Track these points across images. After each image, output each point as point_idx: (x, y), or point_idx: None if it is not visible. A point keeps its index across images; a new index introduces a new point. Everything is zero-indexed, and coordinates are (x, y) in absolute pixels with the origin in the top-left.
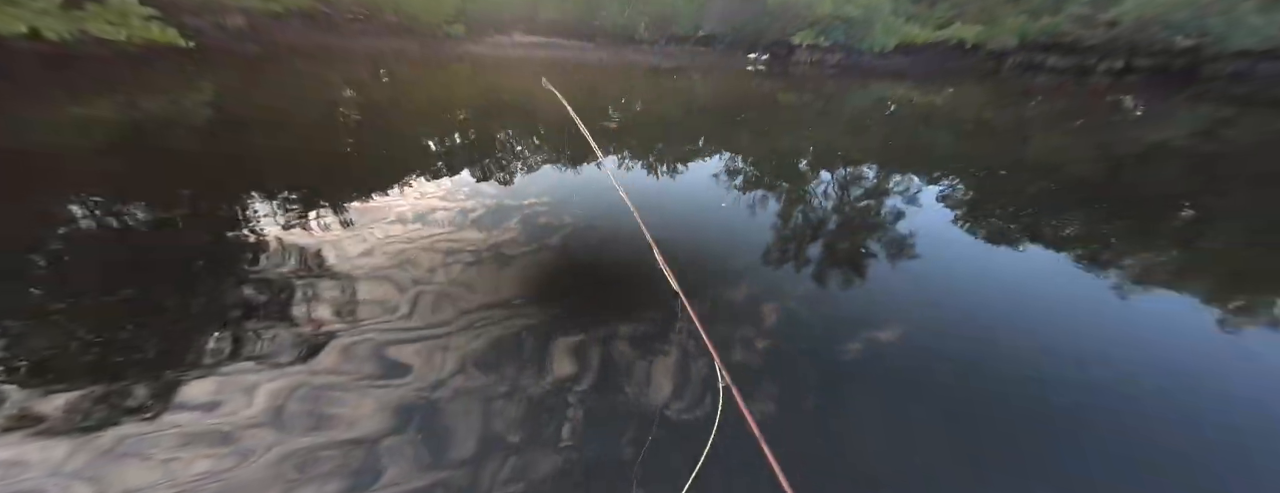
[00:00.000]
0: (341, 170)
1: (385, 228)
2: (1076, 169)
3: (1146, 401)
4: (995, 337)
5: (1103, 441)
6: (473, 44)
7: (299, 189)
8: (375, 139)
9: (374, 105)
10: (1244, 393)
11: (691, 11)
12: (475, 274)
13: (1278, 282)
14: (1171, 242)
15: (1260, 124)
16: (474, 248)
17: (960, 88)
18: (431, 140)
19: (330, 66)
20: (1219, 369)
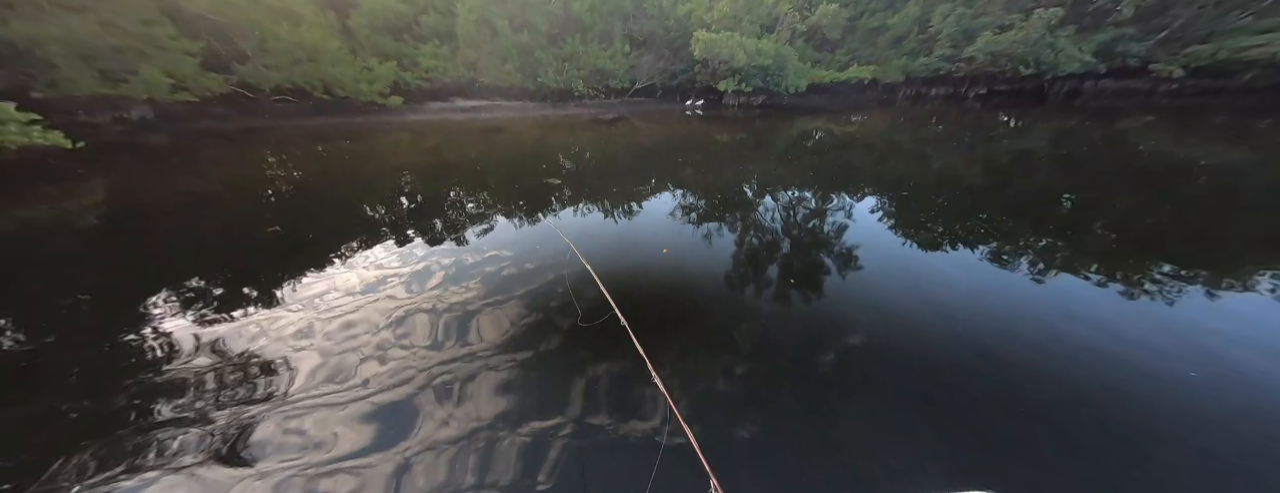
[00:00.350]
0: (261, 251)
1: (319, 303)
2: (970, 176)
3: (1046, 367)
4: (921, 325)
5: (1015, 393)
6: (411, 113)
7: (218, 274)
8: (298, 216)
9: (301, 181)
10: (1127, 339)
11: (624, 69)
12: (425, 328)
13: (1137, 253)
14: (1052, 226)
15: (1094, 130)
16: (419, 306)
17: (867, 117)
18: (366, 209)
19: (252, 149)
20: (1103, 319)
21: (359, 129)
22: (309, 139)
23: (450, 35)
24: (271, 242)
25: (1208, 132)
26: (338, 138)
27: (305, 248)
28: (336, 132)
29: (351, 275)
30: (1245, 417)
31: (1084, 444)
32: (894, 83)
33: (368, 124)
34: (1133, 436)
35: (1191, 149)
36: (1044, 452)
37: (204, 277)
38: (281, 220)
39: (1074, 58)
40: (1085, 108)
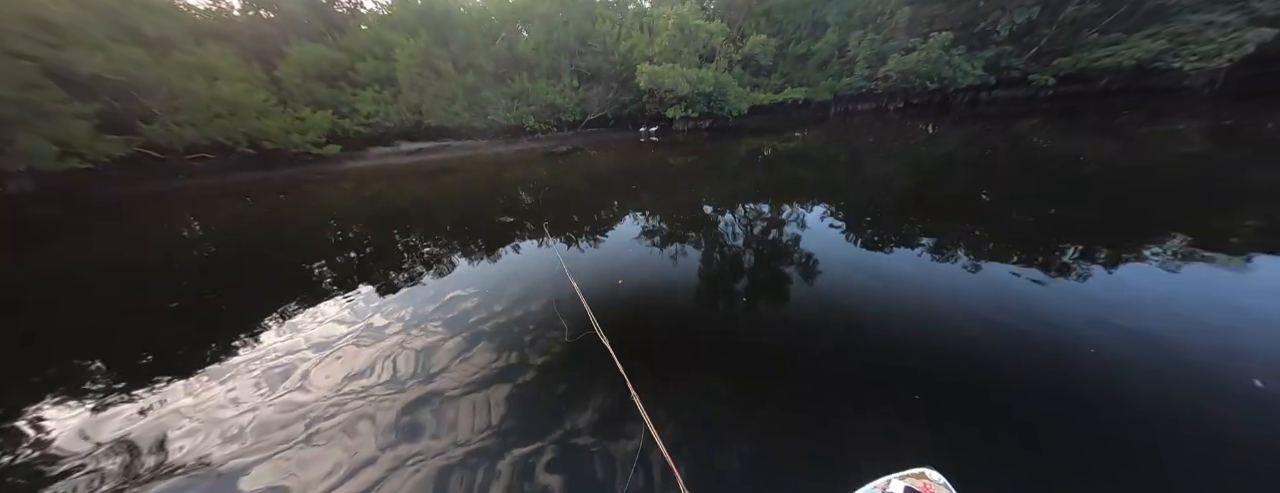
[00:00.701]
0: (192, 321)
1: (259, 365)
2: (903, 181)
3: (993, 350)
4: (878, 316)
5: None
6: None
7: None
8: (232, 277)
9: (231, 240)
10: (1048, 316)
11: (573, 102)
12: (388, 370)
13: (1047, 238)
14: (975, 218)
15: (994, 133)
16: (383, 351)
17: (806, 133)
18: (308, 262)
19: (165, 211)
20: (1022, 296)
21: (294, 181)
22: (234, 195)
23: (391, 80)
24: (205, 309)
25: (1082, 129)
26: (268, 192)
27: (241, 312)
28: (267, 186)
29: (299, 333)
30: (1154, 375)
31: (1017, 418)
32: (825, 101)
33: (303, 175)
34: (1053, 404)
35: (1073, 145)
36: (982, 428)
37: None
38: (212, 285)
39: (968, 73)
40: (983, 114)
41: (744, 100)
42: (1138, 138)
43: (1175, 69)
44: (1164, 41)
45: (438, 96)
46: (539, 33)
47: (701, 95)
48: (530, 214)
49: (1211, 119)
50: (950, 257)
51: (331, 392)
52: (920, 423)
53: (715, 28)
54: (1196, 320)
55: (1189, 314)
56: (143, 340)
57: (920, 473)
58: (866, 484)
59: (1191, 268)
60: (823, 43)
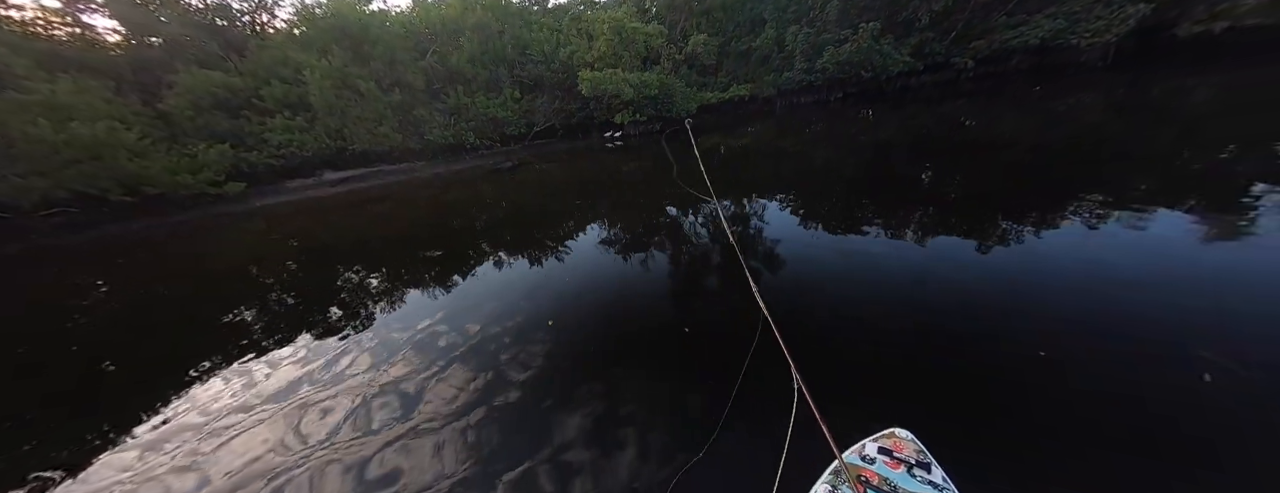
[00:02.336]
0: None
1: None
2: (850, 166)
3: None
4: (851, 296)
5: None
6: (264, 198)
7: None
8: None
9: (110, 307)
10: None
11: (517, 115)
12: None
13: (984, 208)
14: (924, 195)
15: (927, 115)
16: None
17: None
18: (215, 318)
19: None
20: (971, 264)
21: (190, 228)
22: (104, 255)
23: (305, 104)
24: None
25: (1001, 106)
26: (149, 246)
27: (140, 379)
28: (151, 238)
29: (218, 396)
30: (1073, 326)
31: (967, 379)
32: (770, 96)
33: (200, 220)
34: (999, 361)
35: (996, 121)
36: (937, 390)
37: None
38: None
39: (897, 60)
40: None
41: (692, 101)
42: (1050, 111)
43: (1073, 45)
44: (1062, 20)
45: (362, 119)
46: (473, 44)
47: (648, 99)
48: (463, 240)
49: (1106, 89)
50: (902, 235)
51: (285, 448)
52: (885, 389)
53: (652, 30)
54: (1120, 272)
55: (1117, 264)
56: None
57: (890, 433)
58: (845, 450)
59: (1104, 227)
60: (762, 39)
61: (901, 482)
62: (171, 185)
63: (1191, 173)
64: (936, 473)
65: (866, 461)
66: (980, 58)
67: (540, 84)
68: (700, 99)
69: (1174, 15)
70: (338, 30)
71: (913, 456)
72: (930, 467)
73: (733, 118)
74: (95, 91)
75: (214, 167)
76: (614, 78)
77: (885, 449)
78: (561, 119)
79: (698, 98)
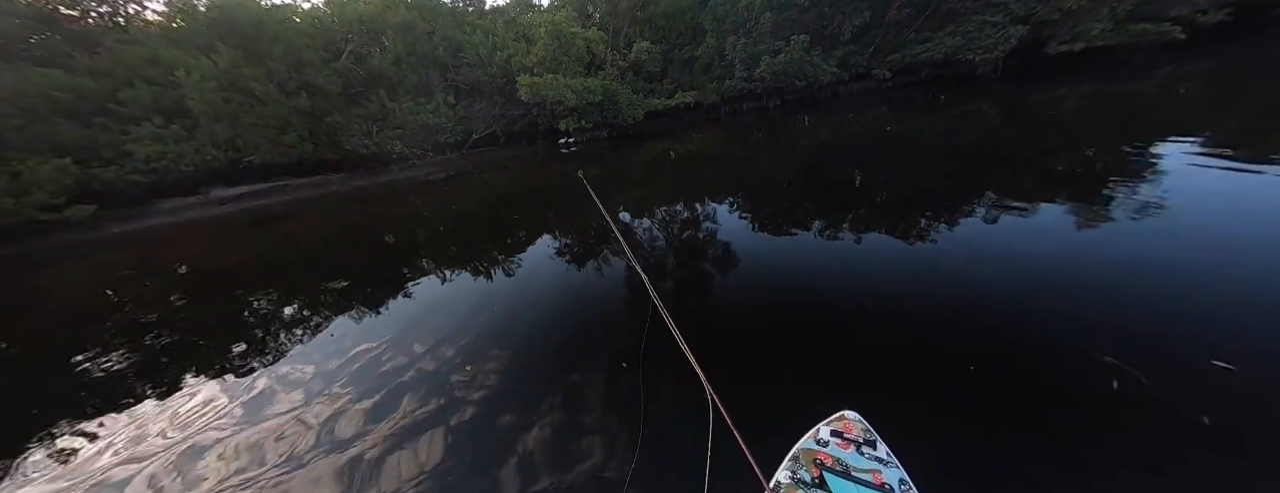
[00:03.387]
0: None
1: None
2: (792, 170)
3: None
4: (797, 294)
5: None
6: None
7: None
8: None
9: None
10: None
11: (452, 121)
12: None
13: (907, 206)
14: (861, 196)
15: (856, 122)
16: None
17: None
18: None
19: None
20: (887, 260)
21: (12, 264)
22: None
23: (182, 110)
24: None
25: (917, 113)
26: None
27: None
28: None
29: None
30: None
31: (899, 359)
32: (714, 103)
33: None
34: (926, 344)
35: (912, 126)
36: (875, 373)
37: None
38: None
39: (826, 70)
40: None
41: (638, 107)
42: (954, 117)
43: (969, 60)
44: (959, 38)
45: (259, 126)
46: (398, 45)
47: (592, 105)
48: (375, 264)
49: (998, 99)
50: (838, 233)
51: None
52: (829, 376)
53: (593, 35)
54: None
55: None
56: None
57: (841, 416)
58: (803, 437)
59: (1008, 217)
60: (703, 48)
61: (852, 460)
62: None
63: (1069, 169)
64: (881, 449)
65: (820, 444)
66: (896, 69)
67: (478, 89)
68: (646, 105)
69: (1045, 36)
70: (224, 25)
71: (860, 436)
72: (876, 444)
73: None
74: None
75: (49, 186)
76: (555, 83)
77: (836, 432)
78: (503, 126)
79: (644, 104)
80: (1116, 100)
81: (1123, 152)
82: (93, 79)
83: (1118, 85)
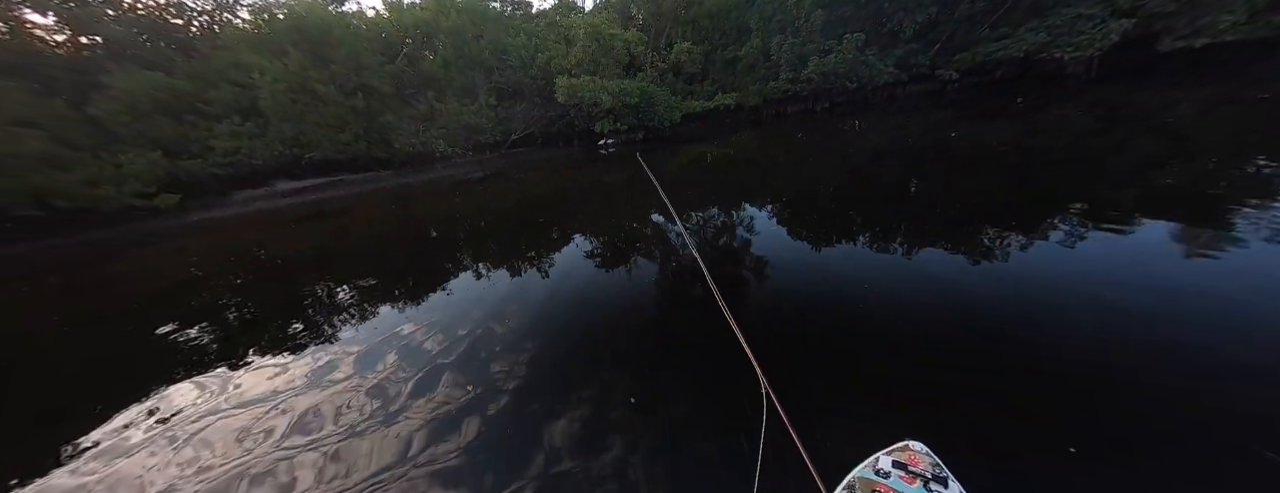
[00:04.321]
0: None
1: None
2: (843, 174)
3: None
4: (839, 303)
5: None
6: (204, 211)
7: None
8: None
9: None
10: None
11: (493, 122)
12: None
13: (979, 222)
14: (916, 206)
15: (909, 126)
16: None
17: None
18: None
19: None
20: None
21: (109, 246)
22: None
23: (257, 109)
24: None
25: (990, 117)
26: (67, 267)
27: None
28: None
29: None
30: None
31: (985, 391)
32: (756, 105)
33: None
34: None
35: (983, 131)
36: (953, 400)
37: None
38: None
39: (882, 71)
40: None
41: (675, 110)
42: (1036, 122)
43: (1056, 59)
44: (1044, 34)
45: (321, 125)
46: (448, 49)
47: (628, 107)
48: (419, 260)
49: (1092, 102)
50: (898, 247)
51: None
52: (895, 401)
53: (631, 37)
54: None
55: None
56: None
57: (904, 446)
58: (858, 464)
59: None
60: (747, 48)
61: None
62: (88, 199)
63: (1187, 184)
64: (954, 488)
65: (880, 475)
66: (965, 69)
67: (519, 91)
68: (685, 108)
69: (1156, 29)
70: (296, 31)
71: (928, 470)
72: (947, 482)
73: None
74: (10, 94)
75: (140, 177)
76: (591, 85)
77: (899, 463)
78: (541, 127)
79: (682, 106)
80: (1248, 105)
81: (1258, 166)
82: (187, 81)
83: (1252, 87)
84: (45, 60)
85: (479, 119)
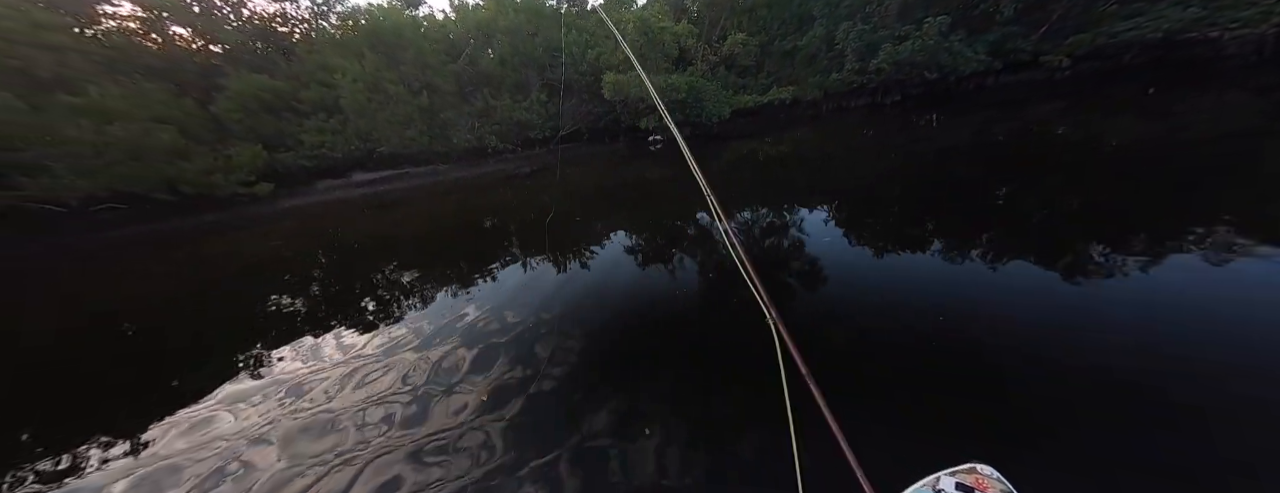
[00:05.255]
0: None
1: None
2: (911, 176)
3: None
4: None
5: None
6: (292, 198)
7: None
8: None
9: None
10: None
11: (543, 118)
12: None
13: (1052, 240)
14: (999, 213)
15: (1000, 122)
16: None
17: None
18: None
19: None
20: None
21: (219, 227)
22: (160, 248)
23: (338, 107)
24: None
25: (1111, 110)
26: (189, 243)
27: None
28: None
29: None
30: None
31: (1060, 413)
32: (815, 99)
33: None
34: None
35: (1105, 128)
36: (1029, 420)
37: None
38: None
39: (970, 59)
40: (993, 101)
41: (724, 105)
42: (1176, 115)
43: (1211, 39)
44: (1196, 8)
45: (390, 121)
46: (504, 46)
47: (674, 103)
48: (467, 250)
49: (1258, 90)
50: (974, 259)
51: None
52: (966, 419)
53: (682, 29)
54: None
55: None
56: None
57: (971, 468)
58: (916, 483)
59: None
60: (809, 37)
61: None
62: (205, 186)
63: None
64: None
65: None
66: (1079, 54)
67: (569, 87)
68: (736, 102)
69: None
70: (372, 34)
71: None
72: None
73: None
74: (152, 94)
75: (244, 168)
76: (637, 80)
77: (964, 486)
78: (588, 123)
79: (733, 101)
80: None
81: None
82: (286, 82)
83: None
84: (181, 65)
85: (530, 115)
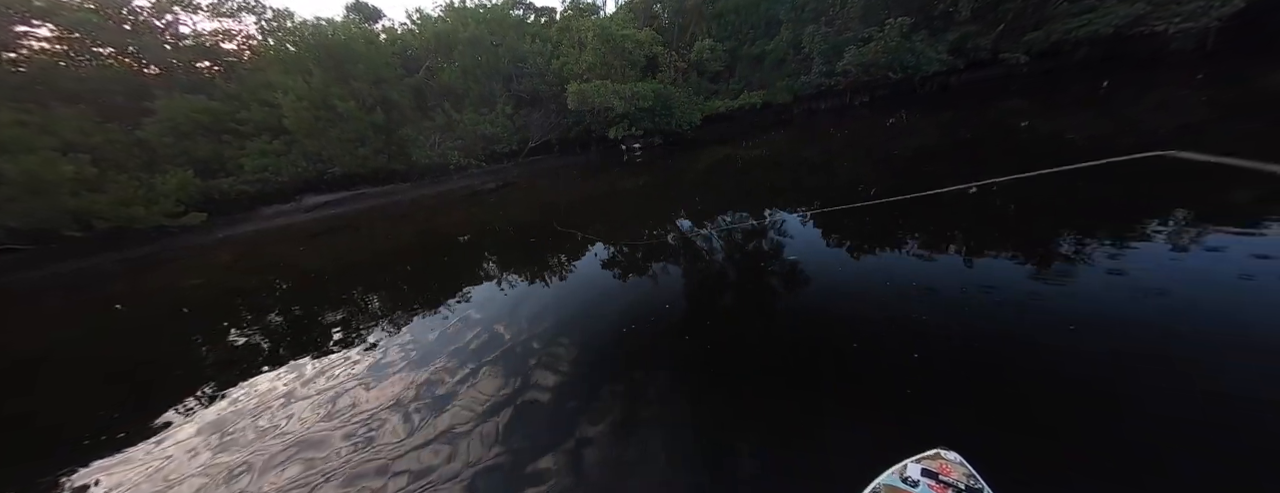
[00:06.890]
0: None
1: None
2: (882, 173)
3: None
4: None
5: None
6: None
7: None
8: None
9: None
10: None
11: (509, 131)
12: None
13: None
14: (969, 209)
15: (965, 119)
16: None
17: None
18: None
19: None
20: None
21: (145, 263)
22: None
23: (283, 127)
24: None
25: (1068, 105)
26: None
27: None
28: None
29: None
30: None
31: (1021, 399)
32: (786, 103)
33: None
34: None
35: (1062, 122)
36: (985, 408)
37: None
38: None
39: (932, 58)
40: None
41: (695, 111)
42: (1119, 108)
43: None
44: (1143, 4)
45: (340, 140)
46: (466, 58)
47: (642, 111)
48: (414, 280)
49: (1203, 82)
50: (947, 255)
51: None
52: (926, 408)
53: (644, 37)
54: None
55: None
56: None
57: (935, 454)
58: (885, 471)
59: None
60: (776, 42)
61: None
62: (123, 219)
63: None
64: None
65: (908, 483)
66: (1037, 52)
67: (536, 98)
68: (706, 108)
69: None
70: (320, 48)
71: (961, 481)
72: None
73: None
74: (66, 121)
75: (173, 196)
76: (602, 89)
77: (929, 472)
78: (557, 134)
79: (705, 107)
80: None
81: None
82: (223, 102)
83: None
84: (107, 88)
85: (495, 128)
